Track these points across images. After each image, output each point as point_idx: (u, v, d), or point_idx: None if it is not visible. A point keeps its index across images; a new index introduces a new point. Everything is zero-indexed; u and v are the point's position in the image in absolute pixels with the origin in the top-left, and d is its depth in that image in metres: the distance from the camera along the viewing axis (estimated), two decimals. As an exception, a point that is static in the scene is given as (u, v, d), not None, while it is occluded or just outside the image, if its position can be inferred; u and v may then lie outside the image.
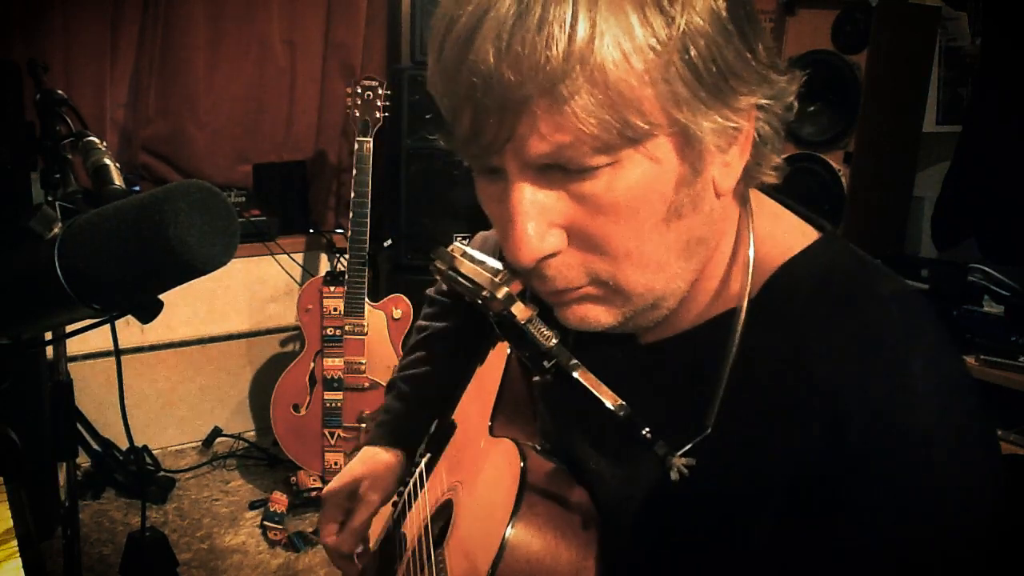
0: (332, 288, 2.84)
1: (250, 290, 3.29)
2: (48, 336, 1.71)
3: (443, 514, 0.91)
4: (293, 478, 2.93)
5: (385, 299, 2.88)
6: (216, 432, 3.28)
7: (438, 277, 0.71)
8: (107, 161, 1.29)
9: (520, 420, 0.89)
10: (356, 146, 2.76)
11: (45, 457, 1.90)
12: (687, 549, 0.67)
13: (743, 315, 0.65)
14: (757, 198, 0.70)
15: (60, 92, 1.61)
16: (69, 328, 0.68)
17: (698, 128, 0.57)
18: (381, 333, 2.85)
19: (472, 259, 0.68)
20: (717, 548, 0.65)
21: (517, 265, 0.61)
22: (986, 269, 2.13)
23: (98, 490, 2.90)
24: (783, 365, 0.62)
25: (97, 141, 1.38)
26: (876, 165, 2.39)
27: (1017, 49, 2.27)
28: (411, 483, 1.07)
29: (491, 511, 0.76)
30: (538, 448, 0.82)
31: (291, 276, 3.28)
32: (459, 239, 1.15)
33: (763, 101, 0.61)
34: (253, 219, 3.11)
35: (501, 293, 0.64)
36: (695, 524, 0.66)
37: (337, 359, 2.85)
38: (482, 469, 0.85)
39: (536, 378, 0.80)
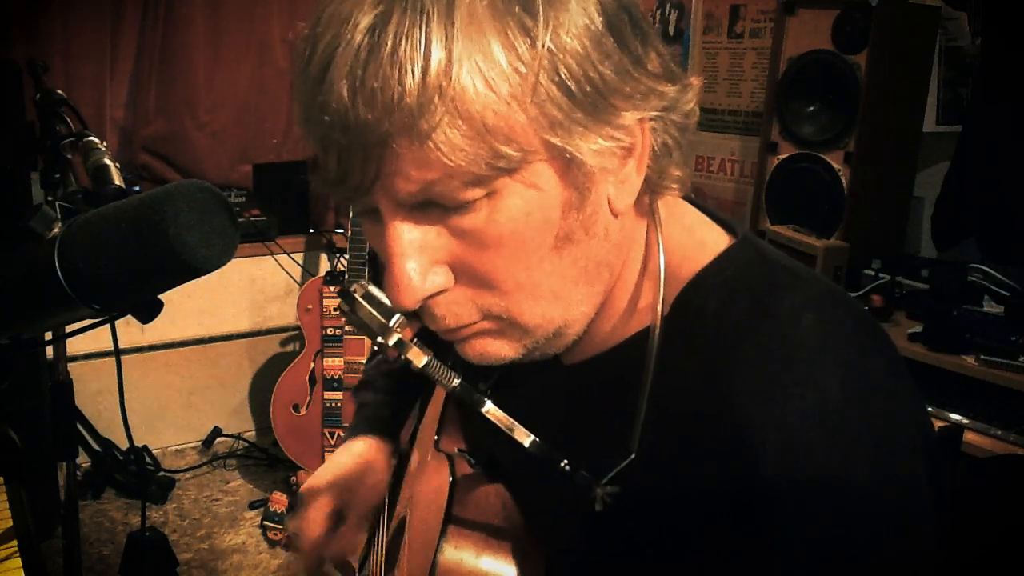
0: (332, 288, 2.84)
1: (250, 290, 3.29)
2: (48, 336, 1.71)
3: (400, 531, 0.90)
4: (293, 478, 2.93)
5: (385, 299, 2.87)
6: (216, 432, 3.28)
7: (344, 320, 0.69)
8: (107, 161, 1.29)
9: (464, 431, 0.86)
10: (356, 146, 2.75)
11: (45, 457, 1.89)
12: (620, 571, 0.65)
13: (656, 333, 0.62)
14: (666, 206, 0.66)
15: (60, 92, 1.61)
16: (69, 328, 0.68)
17: (577, 151, 0.53)
18: (381, 333, 2.85)
19: (372, 300, 0.63)
20: (649, 570, 0.62)
21: (400, 308, 0.58)
22: (986, 269, 2.13)
23: (98, 490, 2.91)
24: (698, 387, 0.59)
25: (97, 141, 1.38)
26: (876, 165, 2.39)
27: (1017, 49, 2.27)
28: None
29: (426, 530, 0.74)
30: (473, 461, 0.79)
31: (291, 276, 3.28)
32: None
33: (653, 114, 0.57)
34: (253, 219, 3.11)
35: (392, 339, 0.59)
36: (625, 547, 0.64)
37: (337, 359, 2.85)
38: (424, 485, 0.83)
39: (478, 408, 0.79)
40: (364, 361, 2.83)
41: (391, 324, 0.60)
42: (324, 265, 3.35)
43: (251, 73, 3.15)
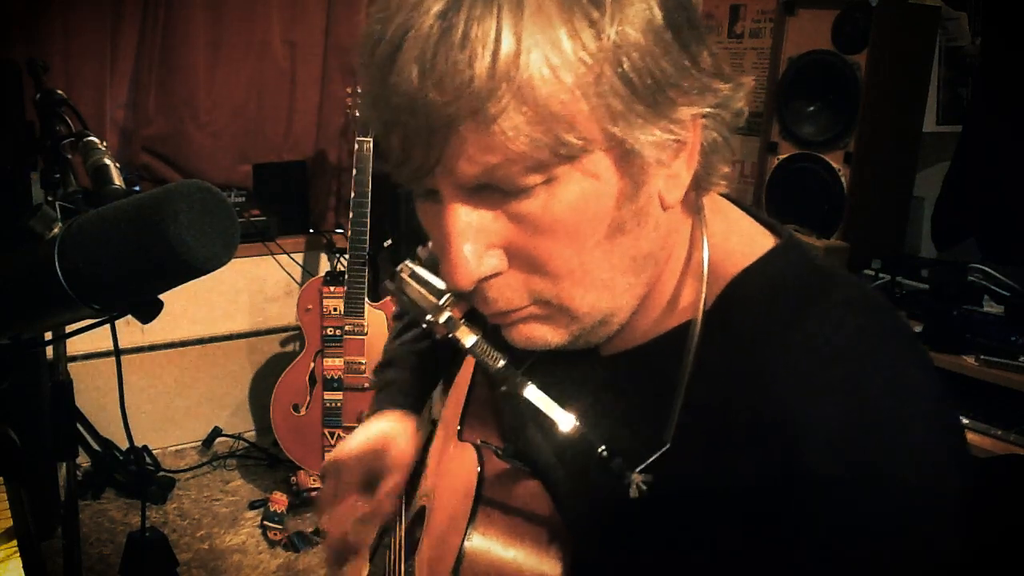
0: (332, 288, 2.84)
1: (250, 290, 3.29)
2: (48, 336, 1.71)
3: (419, 522, 0.90)
4: (293, 478, 2.94)
5: (385, 299, 2.88)
6: (216, 432, 3.28)
7: (391, 299, 0.70)
8: (107, 161, 1.29)
9: (490, 422, 0.87)
10: (356, 146, 2.75)
11: (45, 457, 1.89)
12: (650, 561, 0.66)
13: (698, 328, 0.63)
14: (712, 205, 0.67)
15: (60, 92, 1.61)
16: (69, 328, 0.68)
17: (636, 142, 0.55)
18: (381, 333, 2.85)
19: (419, 279, 0.65)
20: (679, 562, 0.63)
21: (455, 288, 0.59)
22: (986, 269, 2.13)
23: (98, 490, 2.91)
24: (738, 381, 0.60)
25: (97, 141, 1.38)
26: (876, 165, 2.39)
27: (1017, 49, 2.27)
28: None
29: (452, 520, 0.75)
30: (500, 452, 0.80)
31: (291, 276, 3.28)
32: (420, 248, 1.14)
33: (707, 110, 0.59)
34: (253, 219, 3.12)
35: (443, 318, 0.61)
36: (656, 537, 0.65)
37: (337, 359, 2.85)
38: (448, 475, 0.84)
39: (504, 388, 0.79)
40: (364, 361, 2.83)
41: (441, 302, 0.62)
42: (324, 265, 3.35)
43: (251, 73, 3.15)
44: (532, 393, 0.62)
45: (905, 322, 0.64)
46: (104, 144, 1.38)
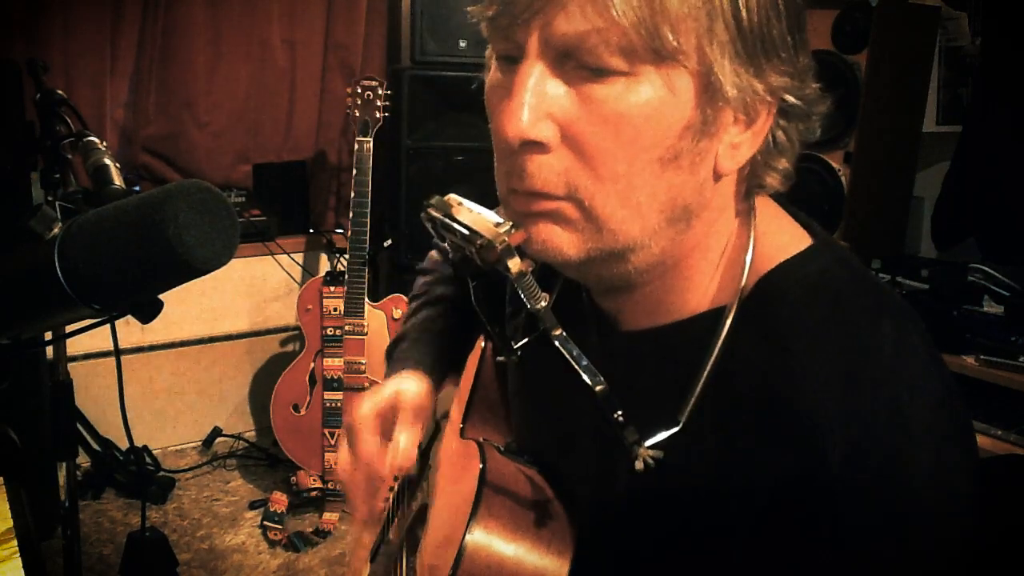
0: (332, 288, 2.84)
1: (250, 290, 3.29)
2: (48, 336, 1.71)
3: (421, 518, 0.90)
4: (293, 478, 2.93)
5: (385, 299, 2.88)
6: (216, 432, 3.28)
7: (428, 226, 0.67)
8: (107, 161, 1.29)
9: (494, 419, 0.87)
10: (356, 146, 2.76)
11: (45, 457, 1.89)
12: (657, 550, 0.66)
13: (732, 314, 0.63)
14: (761, 200, 0.68)
15: (60, 92, 1.61)
16: (69, 328, 0.68)
17: (723, 75, 0.56)
18: (381, 333, 2.85)
19: (471, 209, 0.64)
20: (688, 552, 0.63)
21: (503, 137, 0.59)
22: (986, 269, 2.13)
23: (98, 490, 2.90)
24: (766, 371, 0.60)
25: (97, 141, 1.38)
26: (876, 165, 2.39)
27: (1017, 49, 2.27)
28: (398, 486, 1.03)
29: (454, 515, 0.75)
30: (503, 448, 0.80)
31: (291, 276, 3.28)
32: (433, 252, 1.12)
33: (788, 97, 0.60)
34: (253, 219, 3.11)
35: (500, 242, 0.60)
36: (664, 524, 0.65)
37: (337, 359, 2.85)
38: (450, 472, 0.84)
39: (500, 358, 0.78)
40: (364, 361, 2.83)
41: (502, 230, 0.60)
42: (324, 265, 3.35)
43: (251, 73, 3.14)
44: (563, 342, 0.61)
45: (934, 345, 0.64)
46: (104, 144, 1.38)
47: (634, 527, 0.67)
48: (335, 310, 2.84)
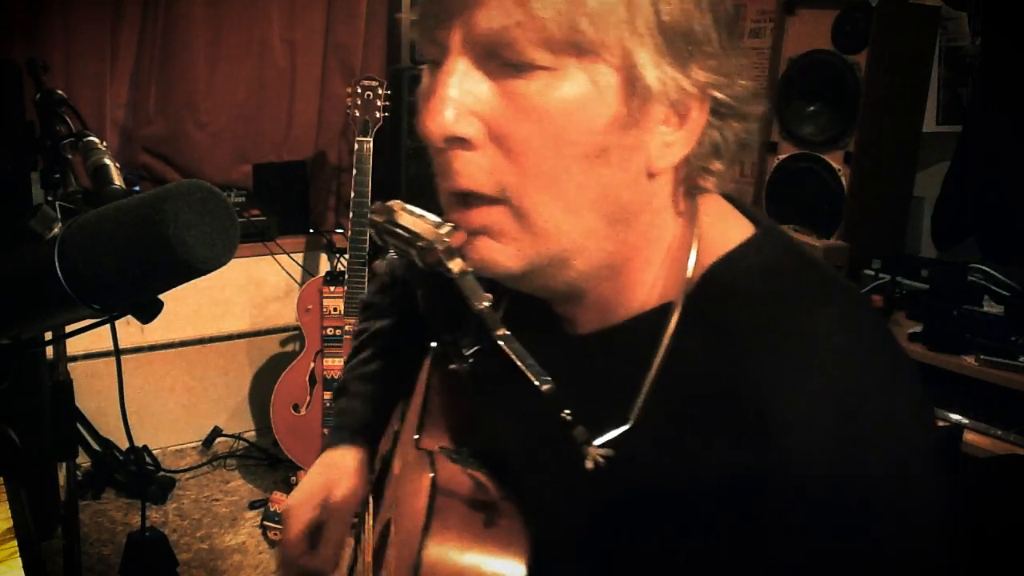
0: (332, 288, 2.84)
1: (250, 290, 3.28)
2: (48, 336, 1.71)
3: (385, 535, 0.89)
4: (293, 478, 2.93)
5: (385, 299, 2.88)
6: (216, 432, 3.28)
7: (372, 232, 0.68)
8: (107, 161, 1.29)
9: (445, 426, 0.86)
10: (356, 146, 2.76)
11: (45, 457, 1.90)
12: (620, 548, 0.65)
13: (678, 309, 0.63)
14: (706, 197, 0.67)
15: (60, 92, 1.61)
16: (69, 328, 0.68)
17: (645, 69, 0.56)
18: (381, 333, 2.85)
19: (413, 213, 0.65)
20: (650, 548, 0.63)
21: (426, 138, 0.59)
22: (986, 269, 2.13)
23: (98, 490, 2.90)
24: (714, 364, 0.60)
25: (97, 141, 1.38)
26: (876, 165, 2.39)
27: (1017, 49, 2.27)
28: (366, 503, 1.02)
29: (411, 532, 0.74)
30: (455, 455, 0.79)
31: (291, 276, 3.28)
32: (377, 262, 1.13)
33: (717, 94, 0.60)
34: (253, 219, 3.11)
35: (440, 243, 0.60)
36: (624, 522, 0.64)
37: (337, 359, 2.85)
38: (407, 486, 0.83)
39: (453, 366, 0.78)
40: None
41: (442, 232, 0.61)
42: (324, 265, 3.35)
43: (251, 73, 3.14)
44: (508, 341, 0.61)
45: (877, 311, 0.64)
46: (104, 144, 1.38)
47: (596, 526, 0.67)
48: (335, 310, 2.84)
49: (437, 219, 0.63)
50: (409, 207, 0.66)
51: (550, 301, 0.71)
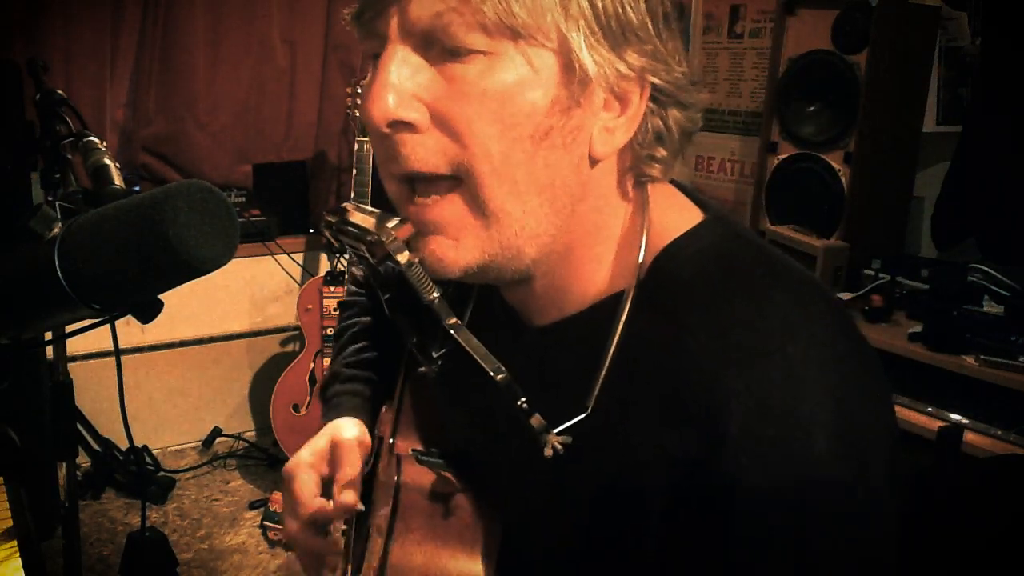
0: (332, 288, 2.84)
1: (250, 290, 3.29)
2: (48, 336, 1.71)
3: (366, 538, 0.90)
4: (293, 478, 2.93)
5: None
6: (216, 432, 3.28)
7: (326, 233, 0.68)
8: (107, 161, 1.29)
9: (415, 426, 0.86)
10: (356, 146, 2.76)
11: (45, 457, 1.89)
12: (583, 537, 0.65)
13: (630, 297, 0.63)
14: (656, 186, 0.68)
15: (60, 92, 1.61)
16: (69, 328, 0.68)
17: (580, 53, 0.57)
18: (381, 333, 2.85)
19: (363, 211, 0.66)
20: (611, 536, 0.63)
21: (369, 125, 0.60)
22: (986, 269, 2.12)
23: (98, 490, 2.90)
24: (664, 350, 0.60)
25: (97, 141, 1.38)
26: (876, 165, 2.39)
27: (1017, 49, 2.27)
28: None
29: (379, 532, 0.75)
30: (423, 457, 0.79)
31: (291, 276, 3.28)
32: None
33: (654, 79, 0.61)
34: (253, 219, 3.12)
35: (388, 237, 0.61)
36: (586, 509, 0.65)
37: (337, 359, 2.84)
38: (382, 490, 0.83)
39: (422, 369, 0.77)
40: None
41: (389, 225, 0.61)
42: (324, 265, 3.35)
43: (251, 73, 3.15)
44: (461, 332, 0.62)
45: (830, 293, 0.64)
46: (104, 144, 1.38)
47: (557, 514, 0.68)
48: (335, 310, 2.83)
49: (388, 215, 0.64)
50: (362, 206, 0.66)
51: (504, 292, 0.72)
